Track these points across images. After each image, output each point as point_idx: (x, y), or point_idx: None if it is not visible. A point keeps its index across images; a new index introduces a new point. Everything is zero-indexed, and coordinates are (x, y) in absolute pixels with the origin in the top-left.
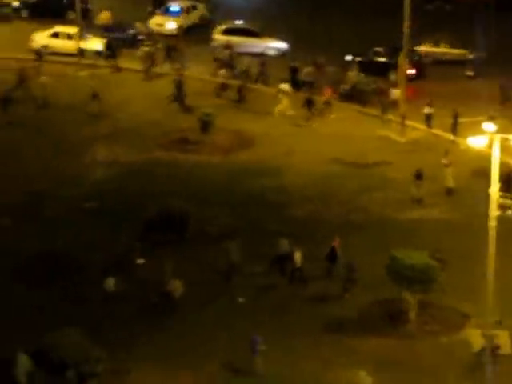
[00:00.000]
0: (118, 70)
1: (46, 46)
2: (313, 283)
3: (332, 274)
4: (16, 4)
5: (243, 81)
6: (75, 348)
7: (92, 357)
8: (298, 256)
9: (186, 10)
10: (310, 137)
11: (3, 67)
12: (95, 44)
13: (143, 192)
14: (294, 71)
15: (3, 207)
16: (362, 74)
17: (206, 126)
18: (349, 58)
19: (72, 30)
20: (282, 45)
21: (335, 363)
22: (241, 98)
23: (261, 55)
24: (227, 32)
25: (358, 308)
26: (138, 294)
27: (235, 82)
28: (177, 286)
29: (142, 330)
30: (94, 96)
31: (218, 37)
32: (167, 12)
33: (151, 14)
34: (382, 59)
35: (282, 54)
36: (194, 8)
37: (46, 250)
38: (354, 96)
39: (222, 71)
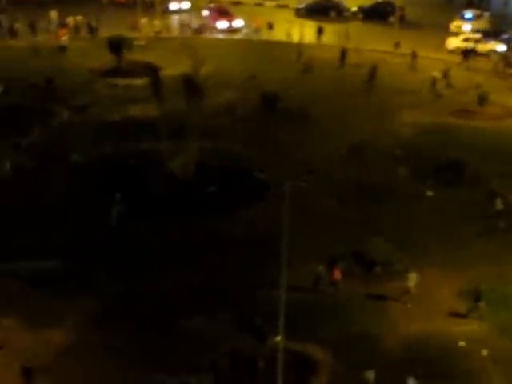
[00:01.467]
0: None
1: (459, 48)
2: None
3: None
4: (355, 9)
5: None
6: (382, 251)
7: (394, 258)
8: None
9: (476, 17)
10: None
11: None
12: (496, 45)
13: (436, 145)
14: None
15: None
16: None
17: (482, 100)
18: None
19: (477, 35)
20: None
21: None
22: None
23: None
24: None
25: None
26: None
27: None
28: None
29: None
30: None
31: None
32: (463, 18)
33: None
34: None
35: None
36: (482, 16)
37: (364, 180)
38: None
39: None
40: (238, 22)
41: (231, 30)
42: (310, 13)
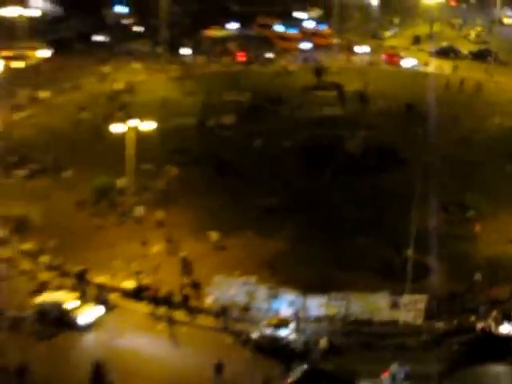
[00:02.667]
0: None
1: None
2: None
3: None
4: (466, 52)
5: None
6: (475, 202)
7: (481, 202)
8: None
9: None
10: None
11: None
12: None
13: None
14: None
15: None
16: None
17: None
18: None
19: None
20: None
21: None
22: None
23: None
24: None
25: None
26: None
27: None
28: None
29: None
30: None
31: None
32: None
33: None
34: None
35: None
36: None
37: (465, 158)
38: None
39: None
40: (414, 61)
41: (411, 67)
42: (438, 54)
